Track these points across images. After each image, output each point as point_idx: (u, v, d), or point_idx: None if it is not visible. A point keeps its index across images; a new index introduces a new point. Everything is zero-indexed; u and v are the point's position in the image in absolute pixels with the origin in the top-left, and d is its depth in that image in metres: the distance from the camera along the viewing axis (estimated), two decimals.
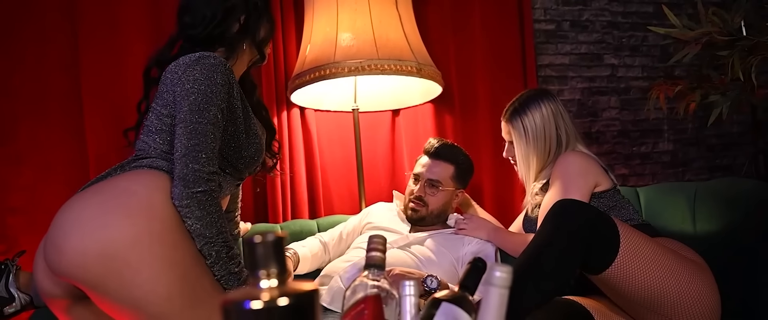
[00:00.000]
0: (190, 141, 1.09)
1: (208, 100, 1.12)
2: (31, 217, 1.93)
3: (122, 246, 1.00)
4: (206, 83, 1.12)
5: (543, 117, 1.65)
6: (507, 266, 0.68)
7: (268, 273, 0.48)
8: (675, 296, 1.29)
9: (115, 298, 1.02)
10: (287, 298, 0.46)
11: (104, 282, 1.01)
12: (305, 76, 1.94)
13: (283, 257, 0.48)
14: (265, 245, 0.47)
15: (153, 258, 1.01)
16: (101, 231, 1.00)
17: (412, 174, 1.85)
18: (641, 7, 2.76)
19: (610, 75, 2.70)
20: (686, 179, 2.78)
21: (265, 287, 0.48)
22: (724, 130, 2.80)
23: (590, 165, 1.57)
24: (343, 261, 1.70)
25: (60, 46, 2.01)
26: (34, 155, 1.96)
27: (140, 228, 1.02)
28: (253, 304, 0.46)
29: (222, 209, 1.13)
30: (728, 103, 1.85)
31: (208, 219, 1.07)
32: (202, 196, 1.08)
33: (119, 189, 1.07)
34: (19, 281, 1.37)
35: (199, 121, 1.10)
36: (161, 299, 1.01)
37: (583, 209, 1.30)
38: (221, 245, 1.09)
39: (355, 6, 1.96)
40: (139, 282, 1.00)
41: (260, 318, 0.46)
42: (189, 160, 1.08)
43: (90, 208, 1.04)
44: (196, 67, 1.14)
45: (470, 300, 0.81)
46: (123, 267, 0.99)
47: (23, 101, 1.97)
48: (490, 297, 0.68)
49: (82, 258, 0.99)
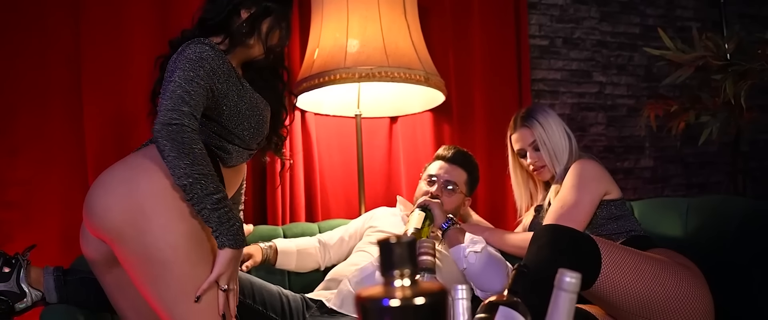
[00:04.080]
0: (171, 98, 1.15)
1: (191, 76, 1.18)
2: (26, 212, 1.88)
3: (140, 197, 1.11)
4: (191, 61, 1.19)
5: (554, 117, 1.78)
6: (576, 272, 0.72)
7: (402, 273, 0.50)
8: (662, 302, 1.36)
9: (130, 247, 1.12)
10: (423, 297, 0.48)
11: (123, 231, 1.12)
12: (313, 80, 1.96)
13: (415, 258, 0.50)
14: (401, 246, 0.50)
15: (166, 208, 1.12)
16: (123, 185, 1.13)
17: (427, 175, 1.88)
18: (629, 28, 2.87)
19: (598, 92, 2.80)
20: (665, 195, 2.90)
21: (398, 286, 0.50)
22: (701, 150, 2.93)
23: (604, 173, 1.66)
24: (351, 265, 1.72)
25: (61, 39, 1.96)
26: (31, 148, 1.91)
27: (156, 183, 1.13)
28: (391, 302, 0.48)
29: (202, 148, 1.14)
30: (718, 124, 1.95)
31: (180, 150, 1.10)
32: (176, 129, 1.11)
33: (141, 156, 1.20)
34: (31, 276, 1.34)
35: (181, 86, 1.16)
36: (168, 246, 1.11)
37: (565, 229, 1.38)
38: (196, 177, 1.10)
39: (366, 13, 1.98)
40: (151, 228, 1.11)
41: (397, 315, 0.48)
42: (168, 108, 1.14)
43: (115, 171, 1.19)
44: (186, 49, 1.22)
45: (524, 305, 0.84)
46: (138, 215, 1.11)
47: (21, 93, 1.91)
48: (559, 302, 0.71)
49: (107, 210, 1.12)
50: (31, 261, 1.38)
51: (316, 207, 2.23)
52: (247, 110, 1.30)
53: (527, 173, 1.90)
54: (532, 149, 1.78)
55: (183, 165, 1.09)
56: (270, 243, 1.80)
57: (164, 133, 1.10)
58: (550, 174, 1.78)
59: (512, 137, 1.85)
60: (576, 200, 1.64)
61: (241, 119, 1.30)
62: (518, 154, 1.85)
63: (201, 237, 1.15)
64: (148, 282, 1.13)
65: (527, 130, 1.78)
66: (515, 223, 2.05)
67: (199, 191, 1.10)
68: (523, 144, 1.80)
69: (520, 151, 1.83)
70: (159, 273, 1.11)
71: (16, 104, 1.90)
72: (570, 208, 1.64)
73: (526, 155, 1.81)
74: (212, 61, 1.21)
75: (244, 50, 1.38)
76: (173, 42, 1.35)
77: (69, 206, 1.93)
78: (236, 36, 1.33)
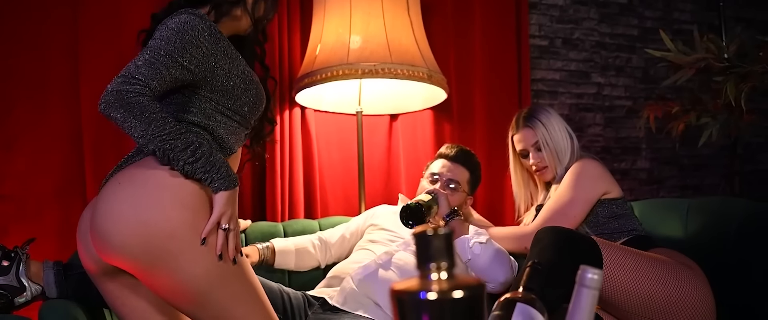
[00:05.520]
0: (128, 68, 1.10)
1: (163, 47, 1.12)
2: (21, 205, 1.85)
3: (162, 240, 1.08)
4: (172, 31, 1.14)
5: (556, 117, 1.79)
6: (598, 269, 0.71)
7: (438, 266, 0.49)
8: (664, 301, 1.37)
9: (159, 282, 1.12)
10: (461, 290, 0.48)
11: (150, 271, 1.10)
12: (315, 76, 1.94)
13: (452, 251, 0.49)
14: (438, 239, 0.49)
15: (188, 245, 1.09)
16: (142, 227, 1.07)
17: (429, 173, 1.88)
18: (627, 29, 2.88)
19: (596, 93, 2.81)
20: (660, 196, 2.92)
21: (434, 279, 0.49)
22: (696, 152, 2.95)
23: (603, 172, 1.67)
24: (353, 263, 1.71)
25: (59, 31, 1.93)
26: (27, 141, 1.88)
27: (175, 222, 1.09)
28: (428, 295, 0.47)
29: (155, 108, 1.09)
30: (718, 126, 1.96)
31: (130, 115, 1.05)
32: (118, 95, 1.06)
33: (151, 184, 1.11)
34: (31, 270, 1.32)
35: (145, 56, 1.11)
36: (200, 279, 1.10)
37: (566, 231, 1.39)
38: (159, 140, 1.07)
39: (369, 9, 1.97)
40: (181, 267, 1.09)
41: (435, 308, 0.48)
42: (120, 75, 1.09)
43: (127, 203, 1.10)
44: (169, 20, 1.17)
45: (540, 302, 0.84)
46: (165, 256, 1.09)
47: (18, 85, 1.88)
48: (581, 298, 0.71)
49: (129, 252, 1.08)
50: (30, 255, 1.35)
51: (315, 204, 2.21)
52: (241, 83, 1.25)
53: (528, 173, 1.91)
54: (534, 150, 1.79)
55: (140, 130, 1.05)
56: (267, 243, 1.78)
57: (110, 100, 1.05)
58: (552, 174, 1.78)
59: (514, 137, 1.85)
60: (571, 198, 1.66)
61: (237, 92, 1.24)
62: (520, 154, 1.85)
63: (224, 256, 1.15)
64: (185, 305, 1.15)
65: (530, 131, 1.78)
66: (514, 223, 2.05)
67: (170, 153, 1.08)
68: (526, 144, 1.80)
69: (523, 151, 1.83)
70: (197, 300, 1.13)
71: (12, 96, 1.88)
72: (565, 205, 1.66)
73: (528, 155, 1.81)
74: (198, 31, 1.16)
75: (231, 23, 1.34)
76: (156, 15, 1.29)
77: (65, 200, 1.91)
78: (222, 5, 1.29)
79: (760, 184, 3.02)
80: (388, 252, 1.68)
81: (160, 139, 1.07)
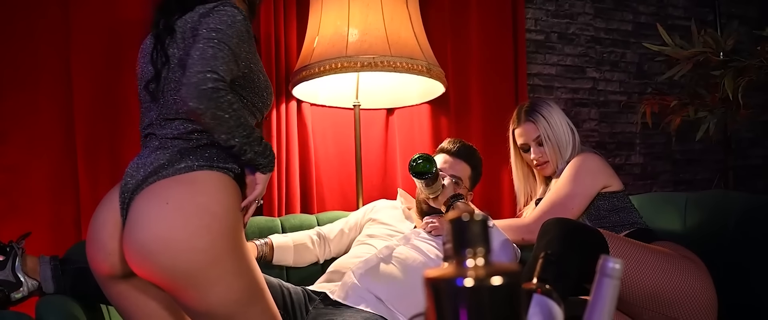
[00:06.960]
0: (203, 60, 1.10)
1: (227, 38, 1.13)
2: (12, 199, 1.81)
3: (206, 266, 1.11)
4: (227, 24, 1.14)
5: (557, 111, 1.78)
6: (619, 259, 0.70)
7: (475, 252, 0.48)
8: (669, 294, 1.37)
9: (190, 301, 1.13)
10: (499, 277, 0.46)
11: (185, 290, 1.12)
12: (313, 69, 1.92)
13: (488, 237, 0.48)
14: (474, 224, 0.47)
15: (227, 272, 1.13)
16: (192, 254, 1.09)
17: None
18: (622, 25, 2.89)
19: (591, 88, 2.82)
20: (653, 190, 2.93)
21: (471, 266, 0.48)
22: (688, 147, 2.97)
23: (603, 166, 1.66)
24: (354, 258, 1.69)
25: (50, 21, 1.89)
26: (18, 134, 1.84)
27: (219, 250, 1.12)
28: (465, 282, 0.46)
29: (238, 107, 1.12)
30: (715, 120, 1.97)
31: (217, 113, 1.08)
32: (210, 92, 1.07)
33: (201, 209, 1.12)
34: (27, 265, 1.28)
35: (217, 47, 1.11)
36: (231, 302, 1.14)
37: (573, 223, 1.38)
38: (240, 137, 1.13)
39: (367, 2, 1.95)
40: (215, 291, 1.12)
41: (472, 295, 0.46)
42: (199, 70, 1.08)
43: (179, 230, 1.09)
44: (214, 12, 1.16)
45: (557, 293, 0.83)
46: (204, 282, 1.11)
47: (8, 76, 1.84)
48: (603, 288, 0.70)
49: (170, 273, 1.10)
50: (25, 250, 1.32)
51: (311, 199, 2.19)
52: (264, 79, 1.28)
53: (528, 167, 1.90)
54: (535, 144, 1.78)
55: (225, 129, 1.10)
56: (265, 239, 1.76)
57: (197, 94, 1.06)
58: (553, 169, 1.78)
59: (516, 131, 1.84)
60: (570, 191, 1.66)
61: (262, 88, 1.27)
62: (521, 148, 1.84)
63: (253, 280, 1.19)
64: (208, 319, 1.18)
65: (532, 125, 1.77)
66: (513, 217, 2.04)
67: (246, 147, 1.14)
68: (527, 138, 1.79)
69: (524, 145, 1.82)
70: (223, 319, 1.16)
71: (2, 89, 1.83)
72: (563, 199, 1.66)
73: (529, 150, 1.80)
74: (246, 27, 1.18)
75: None
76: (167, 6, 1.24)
77: (57, 194, 1.87)
78: None
79: (751, 179, 3.05)
80: (389, 246, 1.67)
81: (240, 138, 1.12)
